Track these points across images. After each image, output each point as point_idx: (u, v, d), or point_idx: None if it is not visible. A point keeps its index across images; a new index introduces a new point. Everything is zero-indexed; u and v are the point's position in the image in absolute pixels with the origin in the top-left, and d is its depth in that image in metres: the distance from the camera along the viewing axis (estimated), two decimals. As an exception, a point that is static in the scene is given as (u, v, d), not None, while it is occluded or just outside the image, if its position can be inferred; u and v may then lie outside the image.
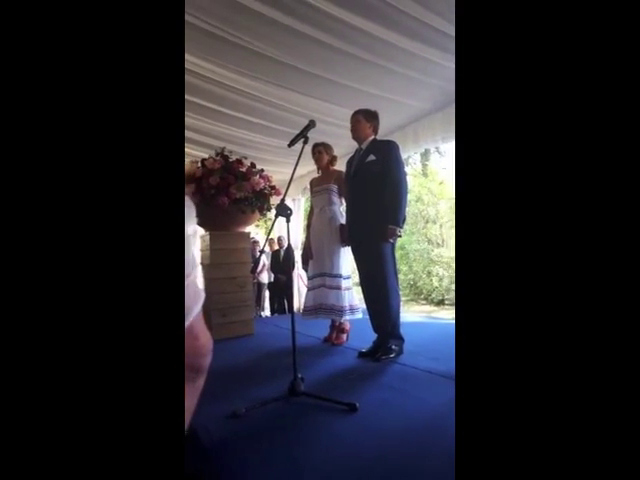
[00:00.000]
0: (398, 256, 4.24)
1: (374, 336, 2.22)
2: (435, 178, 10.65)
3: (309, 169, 3.74)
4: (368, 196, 2.14)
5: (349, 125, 2.26)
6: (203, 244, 3.06)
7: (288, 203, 1.62)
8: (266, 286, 5.90)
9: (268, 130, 3.28)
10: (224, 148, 2.98)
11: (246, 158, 3.01)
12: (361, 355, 2.17)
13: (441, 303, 8.43)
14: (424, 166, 11.08)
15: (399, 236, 2.09)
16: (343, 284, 2.44)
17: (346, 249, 2.45)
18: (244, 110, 2.95)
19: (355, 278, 2.63)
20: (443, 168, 10.87)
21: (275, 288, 5.62)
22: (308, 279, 2.68)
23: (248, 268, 3.03)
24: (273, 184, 3.09)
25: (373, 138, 2.24)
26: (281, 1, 1.80)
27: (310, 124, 1.70)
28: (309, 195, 2.84)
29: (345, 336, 2.57)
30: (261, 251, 2.22)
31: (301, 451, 1.14)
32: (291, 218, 1.59)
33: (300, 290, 4.82)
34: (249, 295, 3.13)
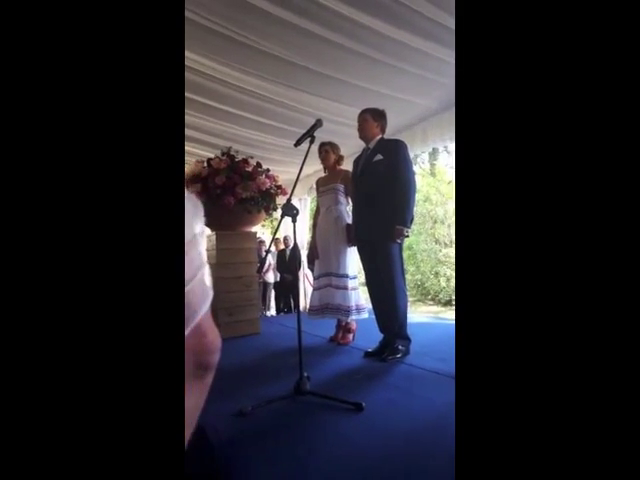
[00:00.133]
0: (405, 256, 4.23)
1: (380, 336, 2.21)
2: (443, 178, 10.57)
3: (315, 168, 3.73)
4: (375, 196, 2.13)
5: (357, 124, 2.25)
6: (209, 244, 3.08)
7: (294, 203, 1.61)
8: (272, 285, 5.92)
9: (275, 130, 3.28)
10: (230, 148, 2.98)
11: (252, 158, 3.02)
12: (367, 355, 2.16)
13: (448, 304, 8.38)
14: (432, 166, 11.01)
15: (407, 236, 2.08)
16: (349, 284, 2.43)
17: (352, 249, 2.44)
18: (251, 110, 2.95)
19: (361, 278, 2.63)
20: (451, 167, 10.80)
21: (281, 288, 5.64)
22: (314, 279, 2.68)
23: (254, 268, 3.04)
24: (279, 184, 3.09)
25: (380, 137, 2.22)
26: (290, 0, 1.80)
27: (317, 123, 1.69)
28: (315, 195, 2.84)
29: (351, 336, 2.57)
30: (267, 251, 2.22)
31: (307, 450, 1.13)
32: (297, 218, 1.60)
33: (306, 290, 4.82)
34: (255, 294, 3.14)
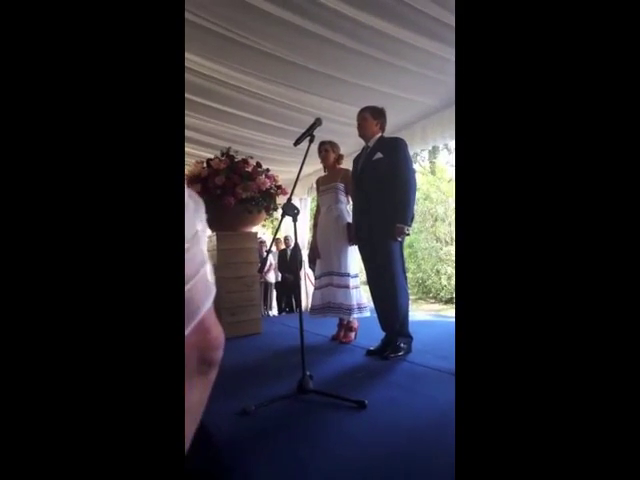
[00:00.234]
0: (406, 254, 4.22)
1: (382, 334, 2.21)
2: (444, 176, 10.56)
3: (315, 168, 3.73)
4: (375, 194, 2.13)
5: (356, 123, 2.24)
6: (210, 244, 3.08)
7: (295, 202, 1.62)
8: (273, 285, 5.92)
9: (274, 130, 3.28)
10: (229, 148, 2.98)
11: (252, 158, 3.01)
12: (369, 353, 2.17)
13: (449, 302, 8.37)
14: (432, 164, 11.00)
15: (407, 234, 2.08)
16: (351, 283, 2.44)
17: (353, 248, 2.44)
18: (251, 110, 2.94)
19: (362, 277, 2.63)
20: (452, 165, 10.80)
21: (282, 287, 5.64)
22: (315, 278, 2.68)
23: (255, 268, 3.04)
24: (279, 184, 3.09)
25: (380, 136, 2.22)
26: (290, 1, 1.79)
27: (316, 122, 1.69)
28: (315, 194, 2.83)
29: (353, 334, 2.57)
30: (268, 251, 2.22)
31: (310, 448, 1.14)
32: (298, 217, 1.60)
33: (307, 289, 4.82)
34: (256, 294, 3.14)
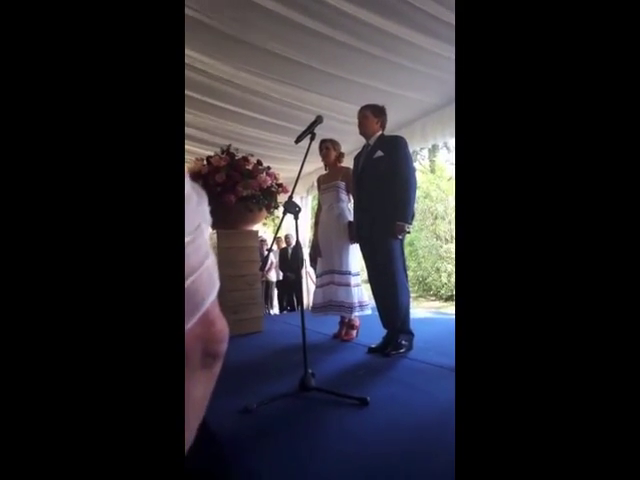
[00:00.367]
0: (407, 252, 4.21)
1: (383, 332, 2.22)
2: (443, 174, 10.54)
3: (316, 166, 3.73)
4: (376, 192, 2.13)
5: (357, 121, 2.24)
6: (210, 242, 3.07)
7: (296, 200, 1.62)
8: (274, 284, 5.93)
9: (276, 127, 3.28)
10: (230, 145, 2.96)
11: (252, 155, 3.00)
12: (371, 351, 2.17)
13: (450, 299, 8.37)
14: (432, 162, 10.98)
15: (407, 232, 2.08)
16: (352, 281, 2.44)
17: (354, 246, 2.44)
18: (252, 108, 2.94)
19: (364, 275, 2.63)
20: (451, 164, 10.77)
21: (284, 286, 5.65)
22: (317, 277, 2.69)
23: (256, 266, 3.03)
24: (280, 182, 3.08)
25: (381, 134, 2.22)
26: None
27: (317, 120, 1.69)
28: (316, 192, 2.83)
29: (355, 332, 2.57)
30: (269, 249, 2.22)
31: (313, 446, 1.14)
32: (299, 215, 1.60)
33: (309, 288, 4.83)
34: (258, 293, 3.14)
